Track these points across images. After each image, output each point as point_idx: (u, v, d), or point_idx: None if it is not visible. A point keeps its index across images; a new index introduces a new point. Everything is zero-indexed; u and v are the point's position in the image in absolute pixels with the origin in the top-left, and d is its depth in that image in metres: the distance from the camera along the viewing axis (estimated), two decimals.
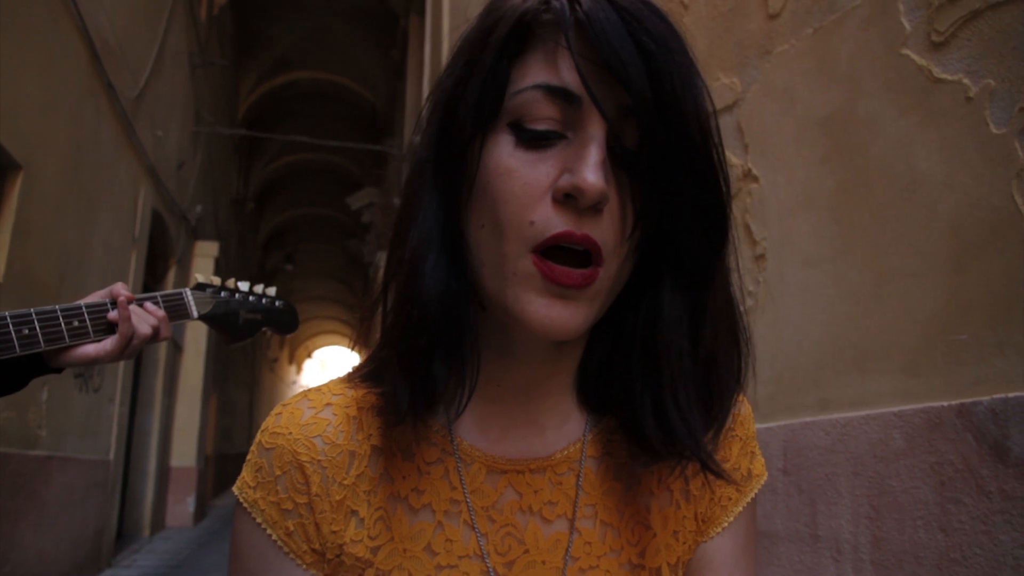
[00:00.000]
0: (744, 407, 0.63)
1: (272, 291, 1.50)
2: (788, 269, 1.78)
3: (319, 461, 0.54)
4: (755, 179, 1.93)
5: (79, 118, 4.87)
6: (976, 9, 1.29)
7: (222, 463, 13.63)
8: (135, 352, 1.24)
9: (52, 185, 4.43)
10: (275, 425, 0.56)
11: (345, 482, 0.54)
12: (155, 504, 8.15)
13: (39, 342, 1.14)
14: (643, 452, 0.55)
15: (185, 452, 9.26)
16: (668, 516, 0.59)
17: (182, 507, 9.13)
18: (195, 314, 1.37)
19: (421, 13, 7.37)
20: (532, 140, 0.49)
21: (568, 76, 0.48)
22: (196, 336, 9.31)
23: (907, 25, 1.44)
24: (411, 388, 0.52)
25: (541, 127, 0.49)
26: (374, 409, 0.56)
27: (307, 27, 12.29)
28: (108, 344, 1.20)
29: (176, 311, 1.34)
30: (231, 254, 12.31)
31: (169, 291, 1.35)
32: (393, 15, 10.07)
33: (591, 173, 0.46)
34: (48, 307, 1.16)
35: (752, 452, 0.63)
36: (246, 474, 0.56)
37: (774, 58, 1.89)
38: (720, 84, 2.12)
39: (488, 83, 0.49)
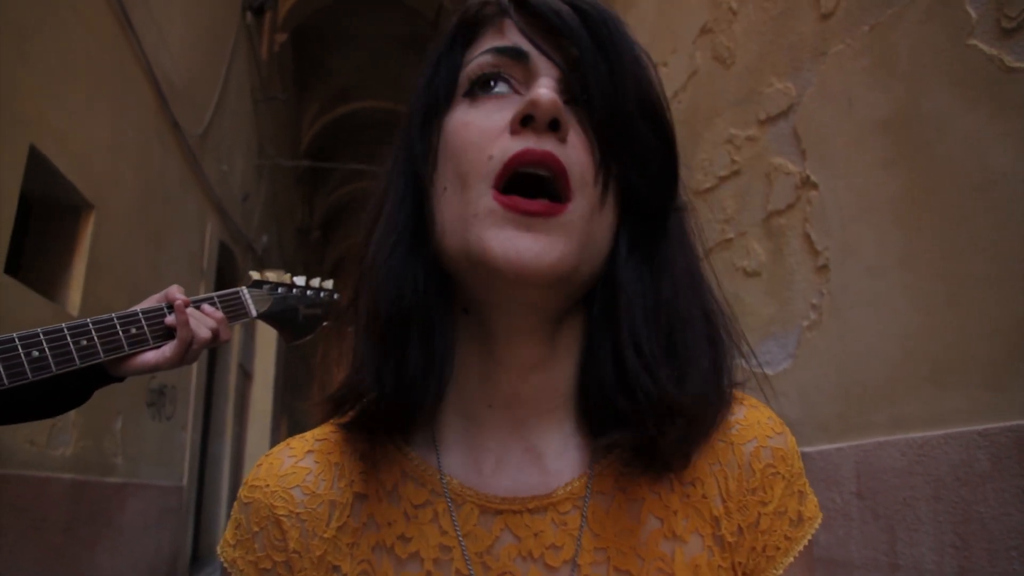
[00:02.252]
0: (787, 440, 0.54)
1: (329, 284, 1.43)
2: (853, 279, 1.69)
3: (297, 514, 0.51)
4: (814, 186, 1.85)
5: (147, 157, 5.08)
6: None
7: None
8: (196, 356, 1.19)
9: (123, 222, 4.61)
10: (254, 478, 0.53)
11: (325, 535, 0.50)
12: None
13: (99, 353, 1.10)
14: (612, 424, 0.49)
15: None
16: (700, 565, 0.50)
17: None
18: (254, 313, 1.32)
19: None
20: (483, 87, 0.49)
21: (514, 38, 0.50)
22: (264, 363, 9.55)
23: (973, 13, 1.34)
24: (379, 371, 0.48)
25: (489, 71, 0.49)
26: (356, 454, 0.52)
27: (364, 58, 12.61)
28: (168, 350, 1.16)
29: (234, 311, 1.29)
30: None
31: (225, 291, 1.30)
32: None
33: (544, 89, 0.46)
34: (104, 316, 1.12)
35: (801, 492, 0.53)
36: (228, 532, 0.53)
37: (829, 59, 1.80)
38: (773, 90, 2.04)
39: (443, 66, 0.51)
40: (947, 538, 1.36)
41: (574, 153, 0.47)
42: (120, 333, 1.13)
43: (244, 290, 1.32)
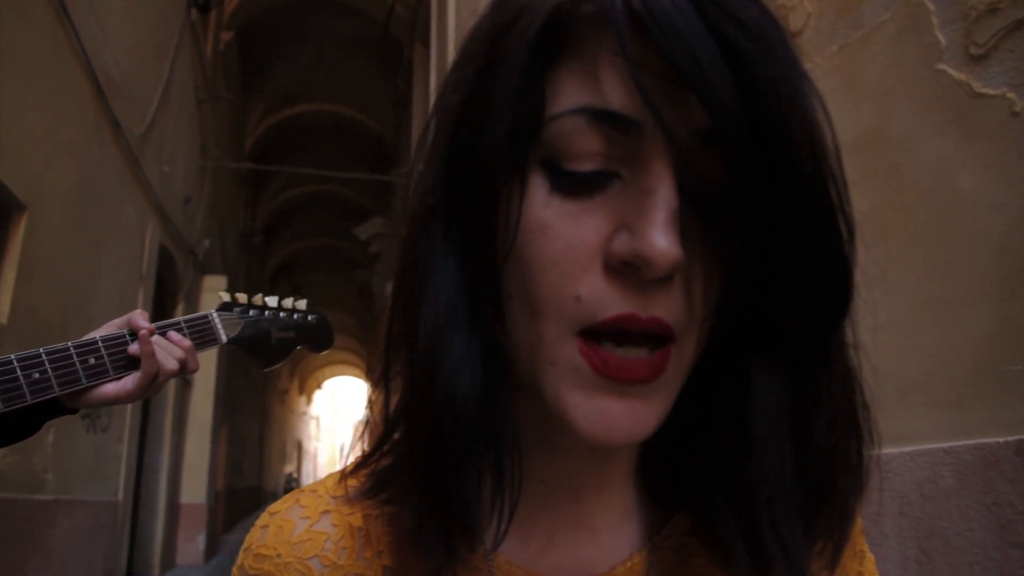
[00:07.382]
0: None
1: (303, 304, 1.35)
2: None
3: None
4: None
5: (85, 156, 4.87)
6: (1020, 19, 1.22)
7: (233, 498, 13.51)
8: (159, 388, 1.10)
9: (57, 224, 4.40)
10: (260, 544, 0.44)
11: None
12: (165, 542, 8.04)
13: (52, 387, 1.01)
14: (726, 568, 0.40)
15: (195, 488, 9.16)
16: None
17: (192, 544, 9.01)
18: (224, 339, 1.23)
19: (426, 43, 7.41)
20: (574, 186, 0.35)
21: (621, 94, 0.34)
22: (205, 370, 9.25)
23: (942, 39, 1.37)
24: (443, 518, 0.39)
25: (585, 168, 0.35)
26: (384, 517, 0.44)
27: (312, 59, 12.41)
28: (129, 383, 1.07)
29: (203, 337, 1.19)
30: (239, 287, 12.26)
31: (194, 315, 1.21)
32: (398, 45, 10.14)
33: (660, 236, 0.33)
34: (60, 345, 1.03)
35: (861, 552, 0.47)
36: None
37: None
38: None
39: (519, 101, 0.35)
40: (911, 553, 1.38)
41: (684, 295, 0.35)
42: (77, 364, 1.03)
43: (213, 313, 1.23)
